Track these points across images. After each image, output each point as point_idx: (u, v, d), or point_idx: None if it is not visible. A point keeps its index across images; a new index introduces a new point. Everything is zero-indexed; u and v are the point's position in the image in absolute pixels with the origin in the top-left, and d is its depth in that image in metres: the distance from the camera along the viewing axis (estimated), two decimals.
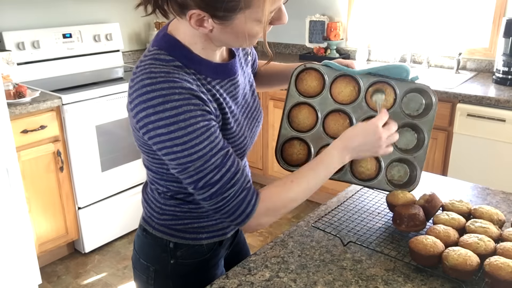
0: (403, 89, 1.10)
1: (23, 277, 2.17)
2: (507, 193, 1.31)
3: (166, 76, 0.83)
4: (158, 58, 0.87)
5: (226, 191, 0.87)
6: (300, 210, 3.21)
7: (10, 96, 2.27)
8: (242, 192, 0.89)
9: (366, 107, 1.11)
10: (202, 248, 1.04)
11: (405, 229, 1.05)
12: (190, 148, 0.83)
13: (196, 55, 0.90)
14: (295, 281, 0.94)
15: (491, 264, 0.88)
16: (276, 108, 3.21)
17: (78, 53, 3.01)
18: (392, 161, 1.12)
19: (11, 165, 2.03)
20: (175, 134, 0.82)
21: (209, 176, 0.85)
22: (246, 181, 0.90)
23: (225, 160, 0.87)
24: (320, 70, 1.11)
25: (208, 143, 0.84)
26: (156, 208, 1.03)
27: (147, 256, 1.06)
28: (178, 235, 1.02)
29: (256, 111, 1.06)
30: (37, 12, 2.87)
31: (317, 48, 3.40)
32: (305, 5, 3.53)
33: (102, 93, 2.56)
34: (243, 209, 0.89)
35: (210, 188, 0.86)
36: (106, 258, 2.69)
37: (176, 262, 1.03)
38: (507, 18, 2.55)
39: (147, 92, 0.82)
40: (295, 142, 1.14)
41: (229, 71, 0.97)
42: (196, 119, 0.83)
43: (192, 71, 0.88)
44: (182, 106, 0.82)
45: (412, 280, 0.93)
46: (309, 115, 1.12)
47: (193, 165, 0.85)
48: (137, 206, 2.92)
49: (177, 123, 0.82)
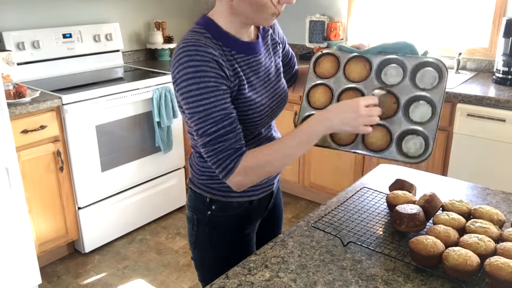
0: (413, 63, 1.16)
1: (23, 277, 2.17)
2: (507, 193, 1.31)
3: (195, 42, 1.03)
4: (194, 30, 1.08)
5: (217, 143, 1.04)
6: (300, 210, 3.21)
7: (10, 96, 2.27)
8: (230, 150, 1.04)
9: (376, 83, 1.18)
10: (232, 204, 1.22)
11: (405, 229, 1.05)
12: (199, 100, 1.02)
13: (226, 32, 1.09)
14: (295, 281, 0.94)
15: (491, 264, 0.88)
16: None
17: (78, 53, 3.01)
18: (406, 133, 1.14)
19: (11, 165, 2.03)
20: (191, 86, 1.01)
21: (207, 127, 1.03)
22: (237, 143, 1.05)
23: (224, 119, 1.03)
24: (335, 54, 1.24)
25: (214, 100, 1.02)
26: (196, 170, 1.22)
27: (192, 207, 1.27)
28: (213, 192, 1.21)
29: (281, 90, 1.22)
30: (37, 12, 2.87)
31: (317, 48, 3.40)
32: (305, 5, 3.53)
33: (102, 93, 2.56)
34: (227, 163, 1.04)
35: (206, 137, 1.04)
36: (106, 258, 2.69)
37: (212, 214, 1.22)
38: (507, 18, 2.55)
39: (180, 53, 1.03)
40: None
41: (253, 49, 1.15)
42: (209, 78, 1.01)
43: (219, 43, 1.07)
44: (201, 65, 1.01)
45: (412, 280, 0.93)
46: (324, 94, 1.23)
47: (198, 115, 1.03)
48: (137, 206, 2.92)
49: (193, 78, 1.01)
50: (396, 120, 1.14)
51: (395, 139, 1.14)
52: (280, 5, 1.07)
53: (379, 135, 1.15)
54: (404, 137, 1.14)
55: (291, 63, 1.37)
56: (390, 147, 1.15)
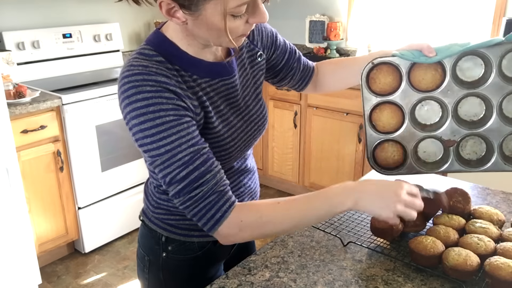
0: (498, 54, 0.97)
1: (23, 277, 2.17)
2: (507, 193, 1.31)
3: (143, 69, 0.84)
4: (142, 52, 0.88)
5: (193, 190, 0.84)
6: None
7: (10, 96, 2.27)
8: (212, 195, 0.84)
9: (456, 88, 0.99)
10: (193, 245, 1.04)
11: (405, 229, 1.05)
12: (158, 140, 0.82)
13: (184, 52, 0.89)
14: (295, 281, 0.94)
15: (491, 264, 0.88)
16: (276, 108, 3.21)
17: (78, 53, 3.01)
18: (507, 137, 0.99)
19: (11, 165, 2.03)
20: (144, 125, 0.82)
21: (175, 172, 0.83)
22: (219, 184, 0.85)
23: (194, 158, 0.83)
24: (391, 63, 1.01)
25: (177, 137, 0.83)
26: (152, 202, 1.05)
27: (144, 246, 1.10)
28: (170, 230, 1.03)
29: (258, 115, 1.03)
30: (37, 12, 2.87)
31: (317, 48, 3.40)
32: (305, 5, 3.53)
33: (102, 93, 2.56)
34: (212, 213, 0.84)
35: (177, 185, 0.84)
36: (106, 258, 2.69)
37: (168, 256, 1.05)
38: (507, 18, 2.55)
39: (124, 84, 0.84)
40: (385, 145, 1.06)
41: (221, 71, 0.94)
42: (166, 112, 0.82)
43: (175, 67, 0.88)
44: (152, 98, 0.82)
45: (412, 280, 0.93)
46: (393, 114, 1.03)
47: (160, 159, 0.84)
48: (137, 206, 2.92)
49: (146, 114, 0.82)
50: (493, 127, 0.97)
51: (497, 148, 0.98)
52: (249, 25, 0.84)
53: (476, 148, 1.00)
54: (503, 141, 0.98)
55: (292, 61, 1.14)
56: (492, 158, 0.99)
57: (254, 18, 0.83)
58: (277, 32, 1.12)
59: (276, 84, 1.19)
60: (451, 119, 1.01)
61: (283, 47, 1.12)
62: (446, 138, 1.02)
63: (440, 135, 1.02)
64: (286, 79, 1.16)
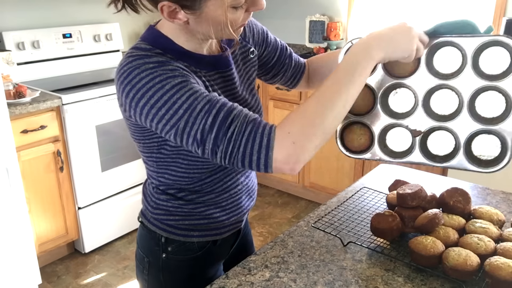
0: (474, 46, 0.93)
1: (23, 277, 2.17)
2: (507, 193, 1.31)
3: (143, 55, 0.84)
4: (138, 47, 0.88)
5: (227, 130, 0.79)
6: (300, 210, 3.21)
7: (10, 96, 2.27)
8: (248, 126, 0.79)
9: (430, 77, 0.97)
10: (193, 245, 1.04)
11: (405, 229, 1.05)
12: (172, 104, 0.80)
13: (180, 46, 0.89)
14: (295, 281, 0.94)
15: (491, 264, 0.88)
16: (276, 108, 3.21)
17: (78, 53, 3.01)
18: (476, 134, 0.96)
19: (11, 165, 2.03)
20: (154, 98, 0.80)
21: (201, 124, 0.79)
22: (251, 116, 0.81)
23: (214, 103, 0.80)
24: None
25: (191, 93, 0.80)
26: (151, 202, 1.05)
27: (143, 247, 1.10)
28: (169, 230, 1.03)
29: (254, 109, 1.03)
30: (37, 12, 2.87)
31: (317, 48, 3.40)
32: (305, 5, 3.53)
33: (102, 93, 2.56)
34: (258, 142, 0.78)
35: (210, 135, 0.79)
36: (106, 258, 2.69)
37: (167, 257, 1.05)
38: (507, 18, 2.55)
39: (124, 72, 0.83)
40: (354, 127, 1.05)
41: (218, 63, 0.95)
42: (173, 78, 0.81)
43: (174, 59, 0.87)
44: (157, 71, 0.81)
45: (412, 280, 0.93)
46: (364, 96, 1.01)
47: (183, 121, 0.80)
48: (137, 206, 2.91)
49: (154, 87, 0.80)
50: (460, 120, 0.95)
51: (463, 144, 0.96)
52: (248, 13, 0.86)
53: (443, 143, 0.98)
54: (473, 140, 0.96)
55: (283, 57, 1.14)
56: (457, 155, 0.96)
57: (255, 7, 0.84)
58: (268, 30, 1.13)
59: (269, 81, 1.20)
60: (421, 109, 1.00)
61: (274, 44, 1.13)
62: (412, 128, 1.01)
63: (406, 124, 1.01)
64: (279, 75, 1.17)
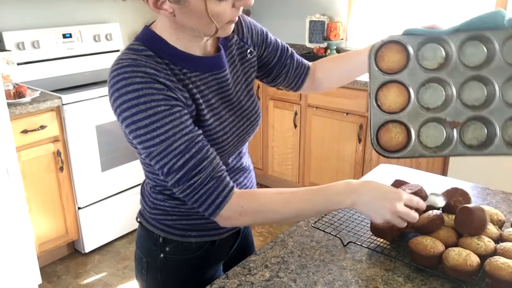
0: (501, 38, 0.98)
1: (23, 277, 2.16)
2: (507, 193, 1.31)
3: (132, 62, 0.85)
4: (131, 48, 0.90)
5: (191, 178, 0.85)
6: None
7: (10, 96, 2.27)
8: (211, 181, 0.86)
9: (463, 68, 0.99)
10: (191, 246, 1.04)
11: (405, 229, 1.05)
12: (152, 131, 0.83)
13: (173, 47, 0.90)
14: (295, 281, 0.94)
15: (491, 264, 0.88)
16: (276, 108, 3.21)
17: (78, 53, 3.01)
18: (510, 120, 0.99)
19: (11, 165, 2.03)
20: (137, 116, 0.83)
21: (172, 162, 0.85)
22: (217, 171, 0.87)
23: (190, 146, 0.85)
24: (400, 41, 1.00)
25: (171, 127, 0.84)
26: (149, 202, 1.05)
27: (142, 247, 1.11)
28: (167, 230, 1.03)
29: (250, 111, 1.03)
30: (37, 12, 2.87)
31: (317, 48, 3.40)
32: (305, 5, 3.53)
33: (102, 93, 2.56)
34: (213, 199, 0.87)
35: (175, 174, 0.86)
36: (106, 258, 2.69)
37: (165, 257, 1.05)
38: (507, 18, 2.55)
39: (113, 77, 0.85)
40: (390, 126, 1.03)
41: (211, 65, 0.95)
42: (157, 102, 0.83)
43: (165, 61, 0.89)
44: (143, 89, 0.83)
45: (412, 280, 0.93)
46: (399, 93, 1.01)
47: (156, 150, 0.85)
48: (137, 206, 2.91)
49: (138, 106, 0.83)
50: (496, 108, 0.98)
51: (500, 131, 0.98)
52: (236, 9, 0.85)
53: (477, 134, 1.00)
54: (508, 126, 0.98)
55: (284, 58, 1.14)
56: (495, 141, 0.98)
57: (240, 1, 0.84)
58: (268, 31, 1.12)
59: (271, 84, 1.18)
60: (457, 100, 1.00)
61: (275, 44, 1.12)
62: (450, 120, 1.01)
63: (444, 116, 1.01)
64: (281, 77, 1.15)
